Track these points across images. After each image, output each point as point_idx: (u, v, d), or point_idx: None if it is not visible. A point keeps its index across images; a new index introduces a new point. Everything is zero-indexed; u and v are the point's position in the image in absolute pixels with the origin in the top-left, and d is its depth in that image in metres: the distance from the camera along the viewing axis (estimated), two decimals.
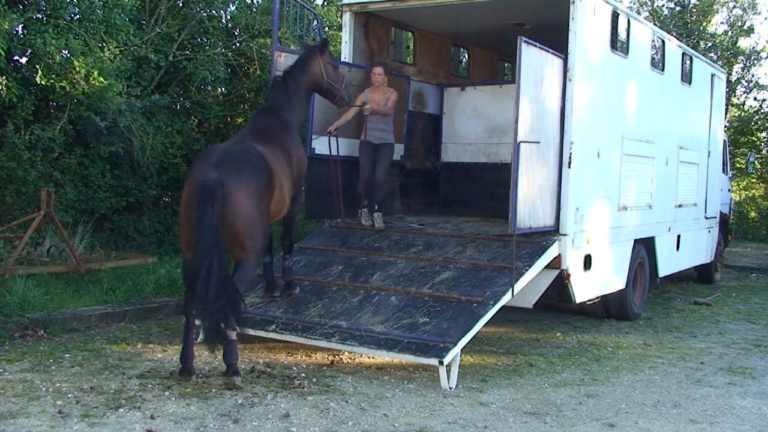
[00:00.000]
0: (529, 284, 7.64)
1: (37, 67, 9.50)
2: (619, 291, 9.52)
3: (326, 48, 7.71)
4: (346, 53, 9.86)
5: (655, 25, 14.47)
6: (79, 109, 10.21)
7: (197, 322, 6.44)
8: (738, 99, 26.17)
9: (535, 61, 7.66)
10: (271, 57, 8.54)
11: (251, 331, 7.17)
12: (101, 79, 9.56)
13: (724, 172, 14.31)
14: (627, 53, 9.38)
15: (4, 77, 9.26)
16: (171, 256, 11.26)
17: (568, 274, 8.14)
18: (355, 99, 8.79)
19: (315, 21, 10.72)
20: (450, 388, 6.36)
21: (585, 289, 8.56)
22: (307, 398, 5.93)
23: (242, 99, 13.72)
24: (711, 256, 13.19)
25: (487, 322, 6.96)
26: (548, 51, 7.90)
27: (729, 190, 15.39)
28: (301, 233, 10.67)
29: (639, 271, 10.16)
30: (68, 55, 9.60)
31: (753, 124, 25.01)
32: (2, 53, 8.80)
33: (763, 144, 25.20)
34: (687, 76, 11.49)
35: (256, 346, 7.50)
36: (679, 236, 11.37)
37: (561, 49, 8.17)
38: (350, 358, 7.30)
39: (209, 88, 13.56)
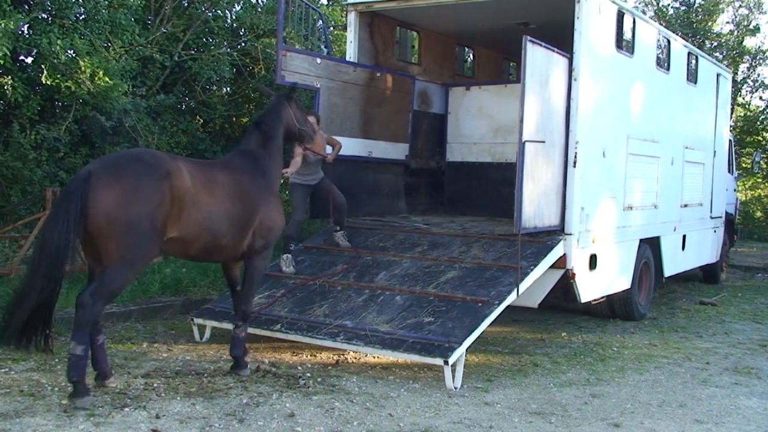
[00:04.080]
0: (534, 284, 7.62)
1: (43, 67, 9.52)
2: (624, 291, 9.50)
3: (293, 95, 7.05)
4: (351, 53, 9.85)
5: (660, 24, 14.42)
6: (85, 108, 10.24)
7: (199, 320, 6.40)
8: (744, 98, 26.12)
9: (540, 61, 7.65)
10: (276, 57, 8.54)
11: (257, 331, 7.18)
12: (106, 78, 9.57)
13: (729, 171, 14.26)
14: (632, 52, 9.36)
15: (9, 77, 9.29)
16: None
17: (574, 274, 8.12)
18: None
19: (320, 21, 10.74)
20: (455, 388, 6.35)
21: (590, 288, 8.55)
22: (312, 398, 5.93)
23: (247, 99, 13.75)
24: (716, 255, 13.17)
25: (492, 322, 6.95)
26: (553, 50, 7.89)
27: (735, 190, 15.36)
28: (306, 233, 10.66)
29: (644, 271, 10.13)
30: (73, 55, 9.62)
31: (759, 123, 24.98)
32: (8, 53, 8.82)
33: None
34: (692, 76, 11.46)
35: (261, 345, 7.51)
36: (684, 236, 11.34)
37: (566, 49, 8.15)
38: (355, 358, 7.30)
39: (214, 87, 13.59)
